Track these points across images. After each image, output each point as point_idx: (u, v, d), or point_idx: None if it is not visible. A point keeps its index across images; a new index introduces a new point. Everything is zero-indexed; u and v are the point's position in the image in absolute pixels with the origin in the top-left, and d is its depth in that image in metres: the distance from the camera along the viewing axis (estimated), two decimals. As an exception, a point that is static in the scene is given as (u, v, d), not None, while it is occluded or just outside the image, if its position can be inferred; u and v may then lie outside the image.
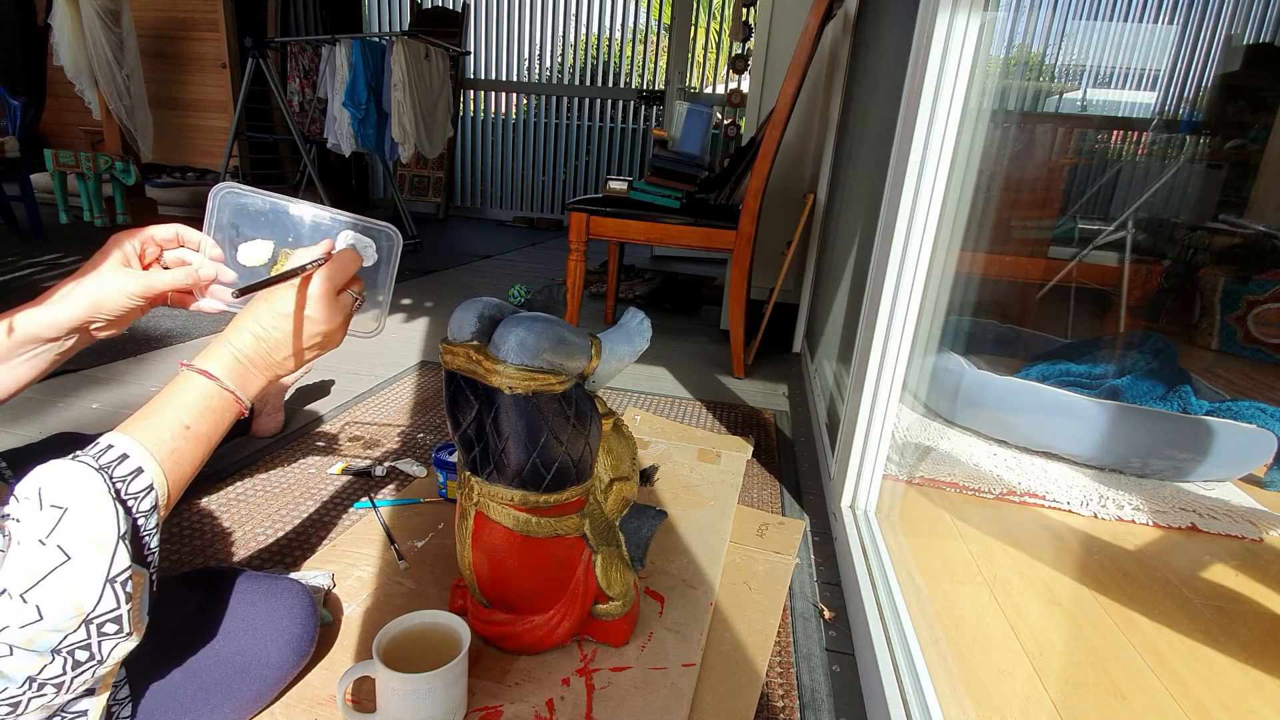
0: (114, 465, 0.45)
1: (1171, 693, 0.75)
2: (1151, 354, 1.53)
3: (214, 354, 0.53)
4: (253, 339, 0.54)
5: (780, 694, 0.71)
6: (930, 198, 0.86)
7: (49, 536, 0.40)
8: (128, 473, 0.45)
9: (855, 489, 1.01)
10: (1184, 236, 2.52)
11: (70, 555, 0.40)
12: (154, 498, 0.46)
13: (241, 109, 3.14)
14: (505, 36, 5.07)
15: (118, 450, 0.46)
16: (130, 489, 0.45)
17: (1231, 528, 1.12)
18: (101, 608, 0.41)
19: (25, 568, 0.39)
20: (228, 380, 0.53)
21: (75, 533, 0.41)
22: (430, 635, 0.63)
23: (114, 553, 0.42)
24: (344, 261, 0.59)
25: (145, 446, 0.47)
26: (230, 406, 0.53)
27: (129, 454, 0.46)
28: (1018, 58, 2.69)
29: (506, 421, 0.64)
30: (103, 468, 0.44)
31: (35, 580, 0.39)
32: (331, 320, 0.57)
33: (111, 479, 0.44)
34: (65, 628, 0.40)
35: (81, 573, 0.41)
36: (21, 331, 0.56)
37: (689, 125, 1.80)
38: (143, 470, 0.46)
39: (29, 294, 0.59)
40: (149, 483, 0.46)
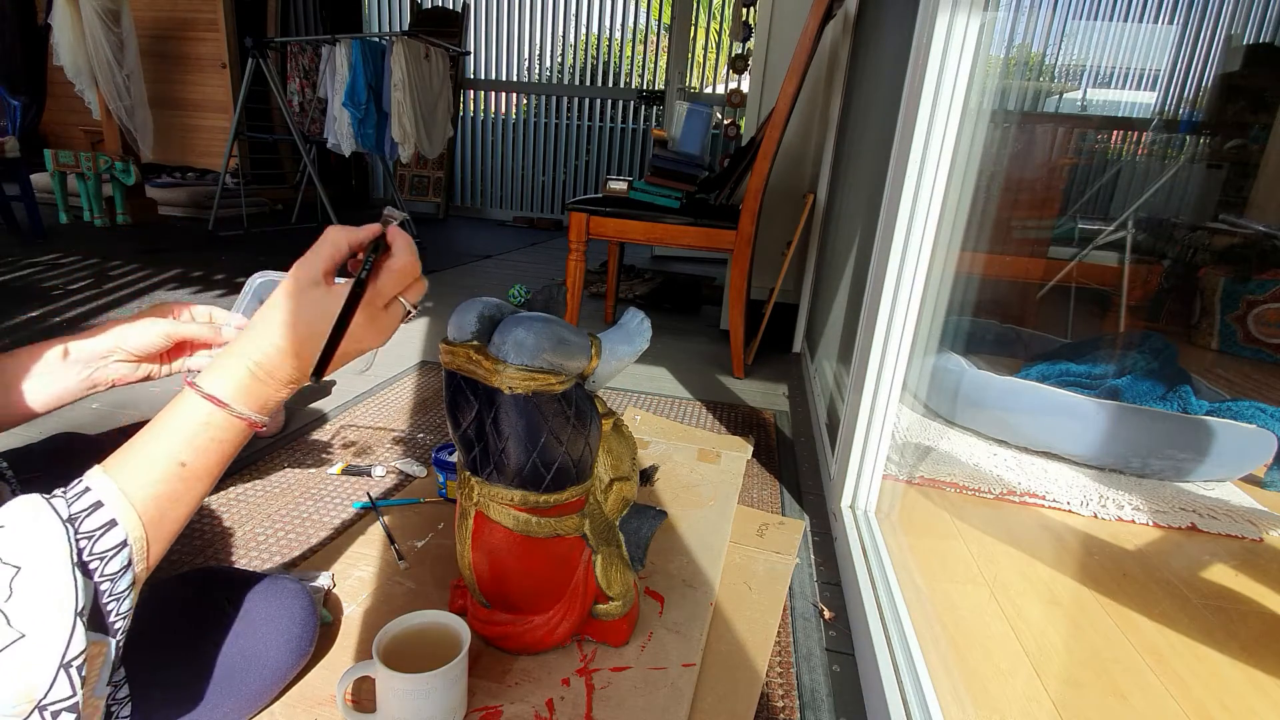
0: (84, 516, 0.40)
1: (1171, 693, 0.75)
2: (1151, 354, 1.53)
3: (225, 369, 0.46)
4: (275, 350, 0.46)
5: (780, 694, 0.71)
6: (930, 198, 0.86)
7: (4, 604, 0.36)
8: (97, 527, 0.40)
9: (855, 489, 1.01)
10: (1184, 236, 2.52)
11: (24, 632, 0.36)
12: (126, 556, 0.41)
13: (241, 109, 3.14)
14: (505, 36, 5.07)
15: (93, 496, 0.41)
16: (97, 547, 0.40)
17: (1231, 528, 1.12)
18: (54, 695, 0.37)
19: None
20: (240, 404, 0.46)
21: (28, 603, 0.36)
22: (430, 635, 0.63)
23: (70, 634, 0.37)
24: (400, 272, 0.49)
25: (126, 493, 0.41)
26: (241, 431, 0.46)
27: (103, 502, 0.41)
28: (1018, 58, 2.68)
29: (506, 421, 0.64)
30: (71, 518, 0.39)
31: None
32: (375, 338, 0.49)
33: (77, 534, 0.39)
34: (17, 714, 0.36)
35: (34, 653, 0.36)
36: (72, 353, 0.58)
37: (689, 125, 1.80)
38: (115, 524, 0.41)
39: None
40: (121, 538, 0.41)
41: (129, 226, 3.35)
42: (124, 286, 2.19)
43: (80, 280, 2.21)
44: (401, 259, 0.49)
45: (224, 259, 2.78)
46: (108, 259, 2.58)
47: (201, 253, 2.87)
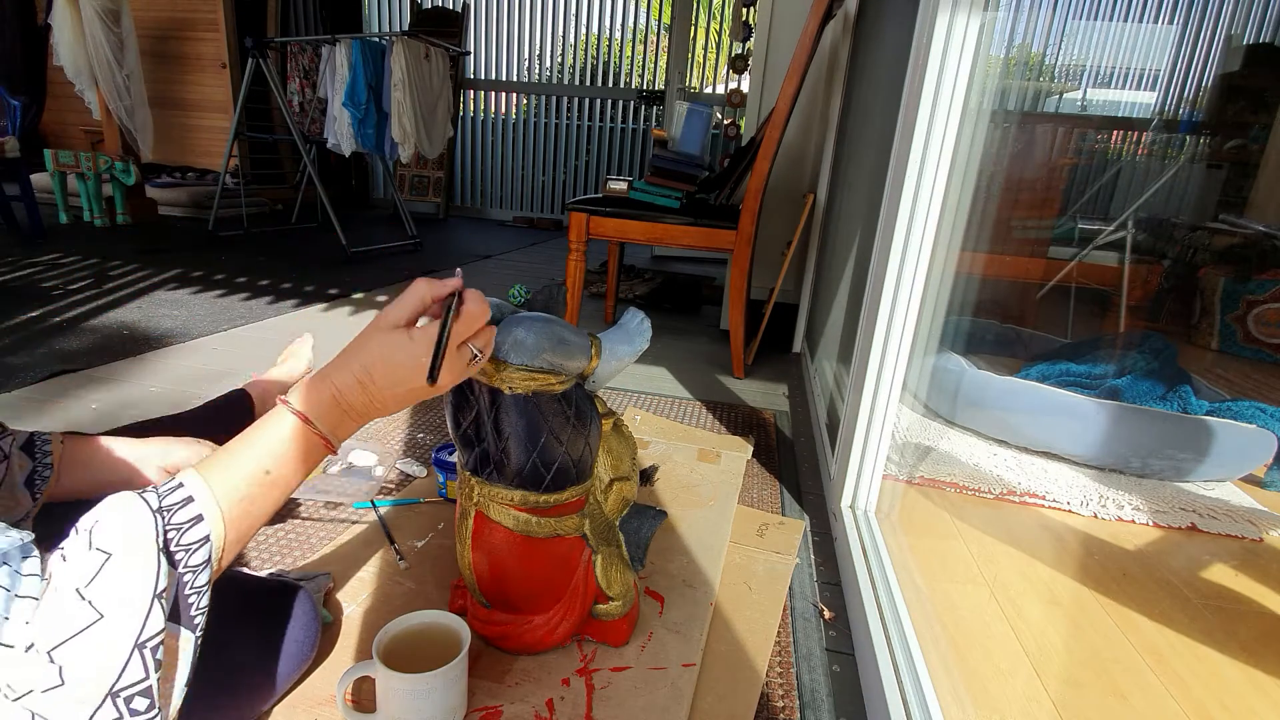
0: (175, 509, 0.42)
1: (1171, 693, 0.75)
2: (1151, 354, 1.53)
3: (313, 393, 0.50)
4: (356, 383, 0.51)
5: (780, 694, 0.71)
6: (930, 198, 0.86)
7: (87, 587, 0.38)
8: (186, 520, 0.43)
9: (855, 489, 1.01)
10: (1184, 236, 2.52)
11: (103, 613, 0.38)
12: (208, 550, 0.43)
13: (241, 109, 3.14)
14: (505, 36, 5.07)
15: (185, 492, 0.44)
16: (184, 539, 0.42)
17: (1231, 528, 1.12)
18: (127, 677, 0.38)
19: (57, 622, 0.37)
20: (322, 424, 0.50)
21: (112, 586, 0.38)
22: (430, 635, 0.63)
23: (148, 613, 0.39)
24: (472, 318, 0.54)
25: (214, 492, 0.45)
26: (320, 452, 0.51)
27: (194, 498, 0.44)
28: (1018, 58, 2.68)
29: (506, 421, 0.64)
30: (162, 509, 0.42)
31: (64, 637, 0.37)
32: (445, 377, 0.52)
33: (167, 525, 0.42)
34: (88, 698, 0.37)
35: (111, 634, 0.38)
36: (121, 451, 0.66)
37: (689, 125, 1.80)
38: (202, 518, 0.43)
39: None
40: (206, 533, 0.43)
41: (129, 226, 3.35)
42: (124, 286, 2.19)
43: (80, 280, 2.21)
44: (472, 305, 0.54)
45: (224, 259, 2.79)
46: (108, 259, 2.58)
47: (201, 253, 2.87)
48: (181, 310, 1.99)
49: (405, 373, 0.52)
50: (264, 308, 2.10)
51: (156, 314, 1.93)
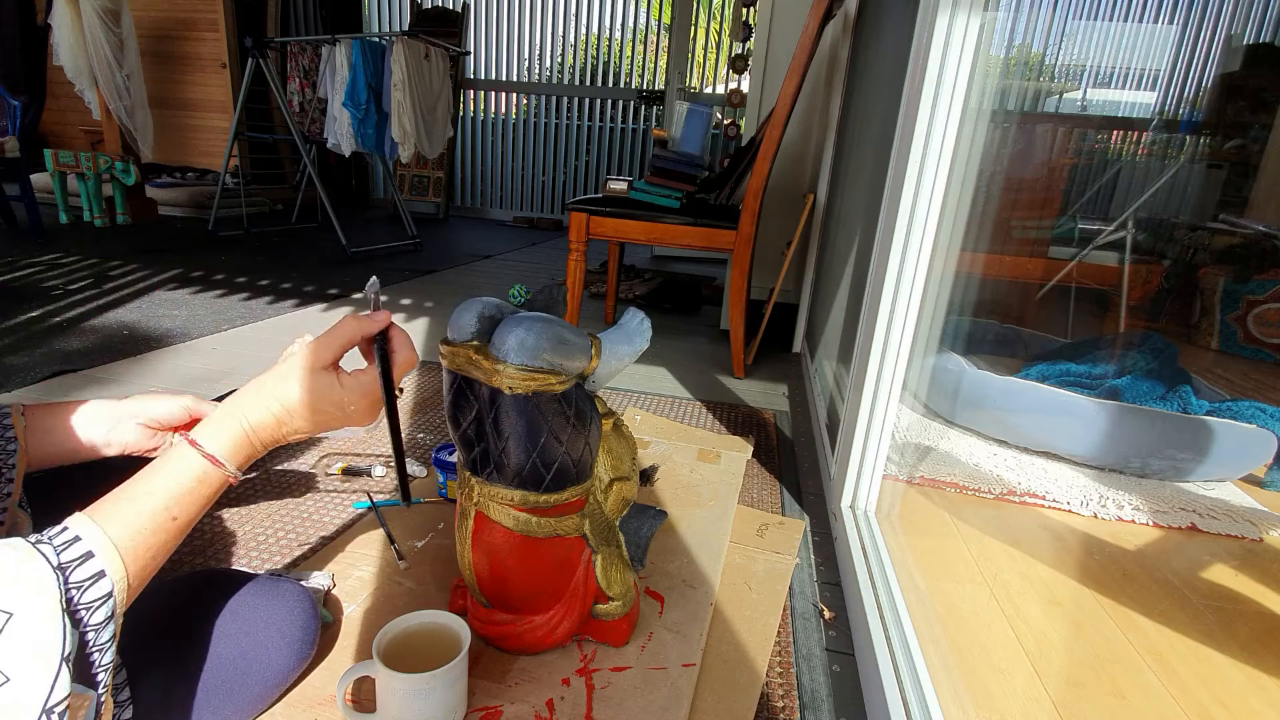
0: (74, 566, 0.40)
1: (1171, 693, 0.75)
2: (1151, 354, 1.53)
3: (220, 429, 0.50)
4: (272, 419, 0.51)
5: (780, 694, 0.71)
6: (930, 198, 0.86)
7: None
8: (86, 577, 0.40)
9: (855, 489, 1.01)
10: (1184, 236, 2.52)
11: (9, 676, 0.36)
12: (110, 607, 0.41)
13: (241, 109, 3.14)
14: (505, 36, 5.07)
15: (83, 546, 0.41)
16: (85, 597, 0.40)
17: (1231, 528, 1.12)
18: None
19: None
20: (230, 461, 0.50)
21: (16, 648, 0.36)
22: (430, 635, 0.63)
23: (55, 678, 0.37)
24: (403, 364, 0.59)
25: (115, 544, 0.42)
26: (223, 485, 0.51)
27: (94, 553, 0.41)
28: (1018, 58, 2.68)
29: (506, 421, 0.64)
30: (61, 567, 0.39)
31: None
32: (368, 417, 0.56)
33: (67, 583, 0.39)
34: None
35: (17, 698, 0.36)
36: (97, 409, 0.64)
37: (689, 125, 1.80)
38: (104, 575, 0.41)
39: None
40: (108, 590, 0.41)
41: (129, 226, 3.35)
42: (124, 286, 2.19)
43: (80, 280, 2.21)
44: (403, 354, 0.57)
45: (224, 259, 2.79)
46: (108, 259, 2.58)
47: (201, 253, 2.87)
48: (181, 310, 1.99)
49: (329, 415, 0.53)
50: (264, 308, 2.10)
51: (156, 314, 1.93)
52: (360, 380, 0.55)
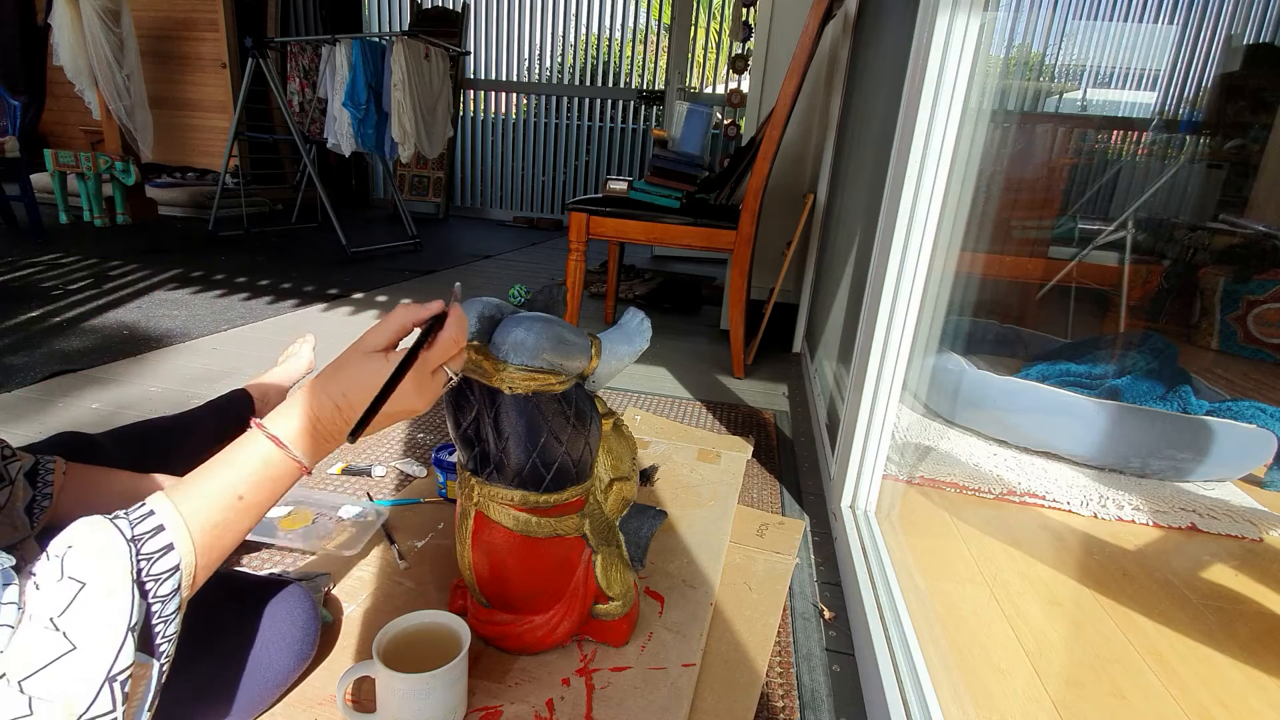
0: (145, 538, 0.42)
1: (1171, 693, 0.75)
2: (1151, 354, 1.53)
3: (287, 417, 0.50)
4: (334, 408, 0.51)
5: (780, 694, 0.71)
6: (930, 198, 0.86)
7: (60, 617, 0.38)
8: (156, 549, 0.42)
9: (855, 489, 1.01)
10: (1184, 236, 2.52)
11: (75, 645, 0.37)
12: (177, 580, 0.43)
13: (241, 109, 3.14)
14: (505, 36, 5.07)
15: (155, 520, 0.43)
16: (154, 569, 0.42)
17: (1231, 528, 1.12)
18: (95, 709, 0.38)
19: (29, 651, 0.37)
20: (297, 449, 0.49)
21: (85, 618, 0.38)
22: (430, 635, 0.63)
23: (120, 647, 0.39)
24: (448, 344, 0.54)
25: (185, 520, 0.44)
26: (293, 475, 0.50)
27: (164, 526, 0.43)
28: (1018, 58, 2.68)
29: (506, 421, 0.64)
30: (134, 539, 0.41)
31: (36, 668, 0.36)
32: (419, 400, 0.53)
33: (138, 554, 0.41)
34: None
35: (82, 666, 0.38)
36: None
37: (689, 125, 1.80)
38: (172, 548, 0.43)
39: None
40: (175, 563, 0.43)
41: (129, 226, 3.35)
42: (124, 286, 2.19)
43: (80, 280, 2.21)
44: (450, 332, 0.54)
45: (224, 259, 2.79)
46: (108, 259, 2.58)
47: (201, 253, 2.87)
48: (181, 310, 1.99)
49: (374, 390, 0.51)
50: (264, 308, 2.10)
51: (156, 314, 1.93)
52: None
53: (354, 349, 0.53)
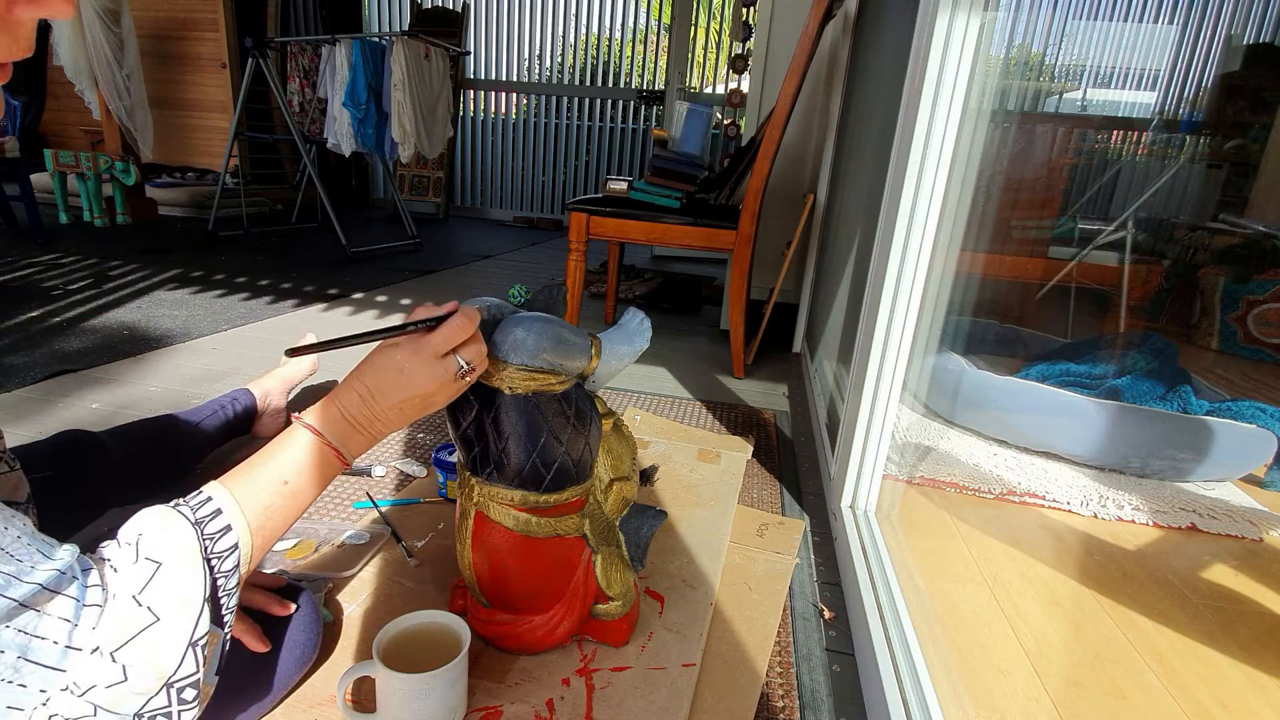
0: (207, 521, 0.46)
1: (1171, 693, 0.75)
2: (1151, 354, 1.53)
3: (322, 409, 0.55)
4: (358, 399, 0.55)
5: (780, 694, 0.71)
6: (930, 198, 0.86)
7: (142, 593, 0.41)
8: (216, 530, 0.46)
9: (855, 489, 1.01)
10: (1184, 236, 2.52)
11: (159, 617, 0.41)
12: (236, 558, 0.47)
13: (241, 109, 3.14)
14: (505, 36, 5.07)
15: (213, 505, 0.47)
16: (216, 547, 0.46)
17: (1231, 528, 1.12)
18: (182, 671, 0.42)
19: (118, 626, 0.40)
20: (331, 436, 0.54)
21: (165, 592, 0.42)
22: (430, 635, 0.63)
23: (199, 616, 0.43)
24: (453, 329, 0.56)
25: (239, 503, 0.48)
26: (332, 463, 0.54)
27: (221, 510, 0.47)
28: (1018, 58, 2.68)
29: (506, 421, 0.64)
30: (197, 522, 0.45)
31: (125, 639, 0.40)
32: (428, 383, 0.55)
33: (202, 535, 0.45)
34: (147, 690, 0.41)
35: (168, 635, 0.42)
36: None
37: (689, 125, 1.80)
38: (230, 529, 0.47)
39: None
40: (234, 542, 0.47)
41: (129, 226, 3.35)
42: (124, 286, 2.19)
43: (80, 280, 2.21)
44: (457, 319, 0.56)
45: (224, 259, 2.79)
46: (108, 259, 2.58)
47: (201, 253, 2.87)
48: (181, 310, 1.99)
49: (393, 381, 0.55)
50: (264, 308, 2.10)
51: (156, 314, 1.93)
52: (414, 341, 0.56)
53: (378, 345, 0.57)
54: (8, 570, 0.37)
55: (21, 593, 0.37)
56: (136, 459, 0.90)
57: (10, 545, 0.38)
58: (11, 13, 0.36)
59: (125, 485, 0.86)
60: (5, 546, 0.37)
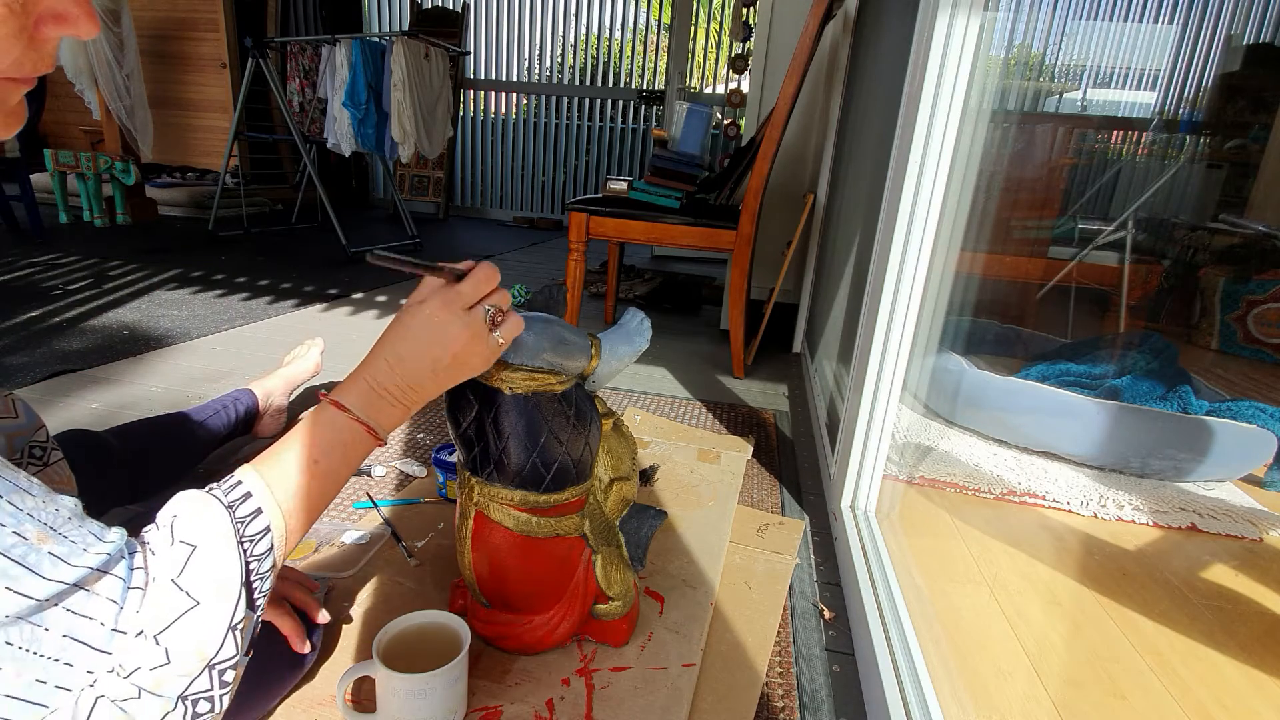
0: (238, 504, 0.46)
1: (1171, 693, 0.75)
2: (1151, 354, 1.53)
3: (349, 385, 0.53)
4: (386, 365, 0.53)
5: (780, 694, 0.71)
6: (930, 198, 0.86)
7: (180, 576, 0.41)
8: (248, 513, 0.46)
9: (855, 489, 1.01)
10: (1184, 236, 2.52)
11: (198, 600, 0.42)
12: (268, 541, 0.47)
13: (241, 109, 3.14)
14: (505, 36, 5.07)
15: (244, 488, 0.47)
16: (248, 530, 0.45)
17: (1231, 528, 1.12)
18: (223, 654, 0.42)
19: (159, 609, 0.40)
20: (360, 411, 0.52)
21: (202, 576, 0.42)
22: (430, 635, 0.63)
23: (237, 600, 0.43)
24: (480, 278, 0.55)
25: (269, 485, 0.48)
26: (363, 439, 0.53)
27: (252, 493, 0.47)
28: (1018, 58, 2.68)
29: (506, 421, 0.64)
30: (229, 506, 0.45)
31: (167, 623, 0.40)
32: (462, 333, 0.54)
33: (234, 519, 0.45)
34: (190, 672, 0.41)
35: (208, 619, 0.42)
36: None
37: (689, 125, 1.80)
38: (261, 512, 0.46)
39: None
40: (265, 524, 0.46)
41: (129, 226, 3.35)
42: (124, 286, 2.19)
43: (80, 280, 2.21)
44: (483, 269, 0.56)
45: (224, 259, 2.79)
46: (107, 259, 2.58)
47: (201, 253, 2.87)
48: (181, 310, 1.99)
49: (425, 339, 0.53)
50: (264, 308, 2.10)
51: (156, 314, 1.93)
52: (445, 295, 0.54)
53: (403, 308, 0.56)
54: (60, 551, 0.37)
55: (74, 574, 0.37)
56: (138, 458, 0.90)
57: (62, 526, 0.38)
58: (39, 31, 0.37)
59: (127, 485, 0.86)
60: (57, 527, 0.38)
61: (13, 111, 0.39)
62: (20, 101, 0.39)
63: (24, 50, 0.36)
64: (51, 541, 0.37)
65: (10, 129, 0.40)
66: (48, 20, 0.36)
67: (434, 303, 0.54)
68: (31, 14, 0.36)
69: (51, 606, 0.37)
